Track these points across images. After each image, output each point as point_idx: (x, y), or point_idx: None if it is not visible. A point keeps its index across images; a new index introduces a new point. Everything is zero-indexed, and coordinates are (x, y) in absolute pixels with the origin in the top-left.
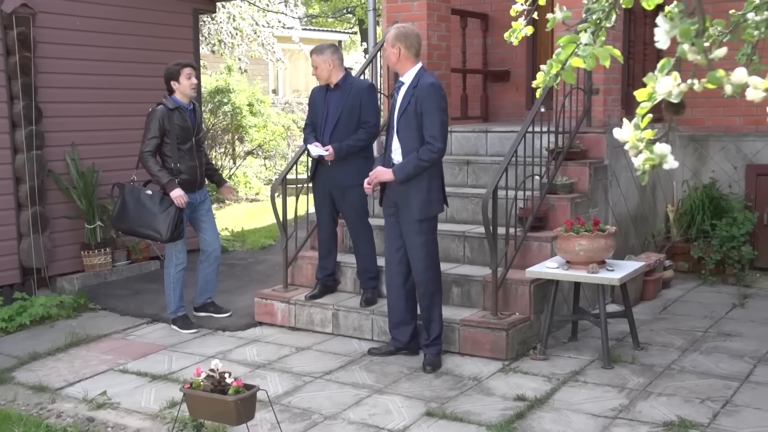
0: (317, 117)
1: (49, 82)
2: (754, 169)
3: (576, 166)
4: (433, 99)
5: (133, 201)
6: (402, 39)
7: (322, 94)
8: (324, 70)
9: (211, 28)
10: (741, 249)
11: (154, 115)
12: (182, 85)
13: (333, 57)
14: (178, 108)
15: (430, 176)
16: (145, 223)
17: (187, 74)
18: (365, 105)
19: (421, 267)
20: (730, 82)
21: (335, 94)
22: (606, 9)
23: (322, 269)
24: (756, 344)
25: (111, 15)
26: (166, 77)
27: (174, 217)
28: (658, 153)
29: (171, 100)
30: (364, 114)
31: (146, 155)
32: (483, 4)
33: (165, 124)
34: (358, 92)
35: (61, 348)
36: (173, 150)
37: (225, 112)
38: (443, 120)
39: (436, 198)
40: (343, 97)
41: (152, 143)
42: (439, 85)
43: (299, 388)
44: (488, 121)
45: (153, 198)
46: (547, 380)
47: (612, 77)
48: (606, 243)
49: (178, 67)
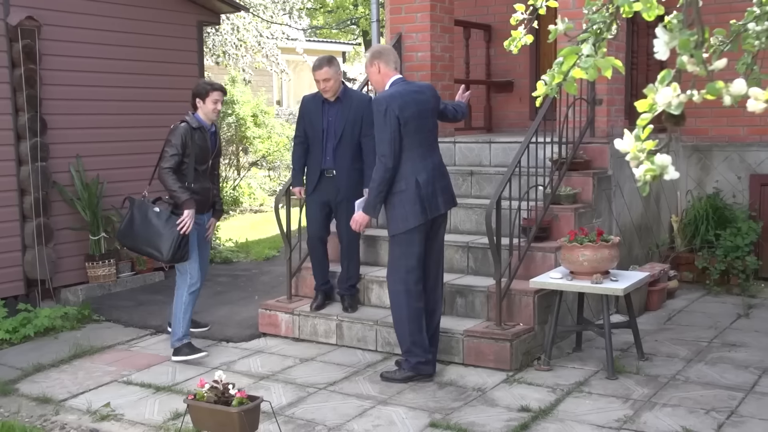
0: (313, 129)
1: (54, 94)
2: (758, 179)
3: (579, 176)
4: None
5: (140, 217)
6: (377, 56)
7: (317, 106)
8: (337, 82)
9: (215, 39)
10: (745, 259)
11: (178, 131)
12: (206, 107)
13: (339, 69)
14: (201, 128)
15: (401, 191)
16: (148, 240)
17: (215, 99)
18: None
19: (390, 280)
20: (729, 93)
21: (335, 106)
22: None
23: (320, 278)
24: (761, 354)
25: (116, 27)
26: (194, 93)
27: (177, 238)
28: (659, 164)
29: (194, 119)
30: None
31: (166, 171)
32: (486, 15)
33: (187, 142)
34: (360, 105)
35: (65, 359)
36: (190, 170)
37: (229, 124)
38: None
39: (411, 211)
40: (344, 110)
41: (173, 160)
42: (375, 99)
43: (303, 399)
44: (492, 131)
45: (160, 216)
46: (552, 391)
47: (615, 87)
48: (610, 253)
49: (208, 88)
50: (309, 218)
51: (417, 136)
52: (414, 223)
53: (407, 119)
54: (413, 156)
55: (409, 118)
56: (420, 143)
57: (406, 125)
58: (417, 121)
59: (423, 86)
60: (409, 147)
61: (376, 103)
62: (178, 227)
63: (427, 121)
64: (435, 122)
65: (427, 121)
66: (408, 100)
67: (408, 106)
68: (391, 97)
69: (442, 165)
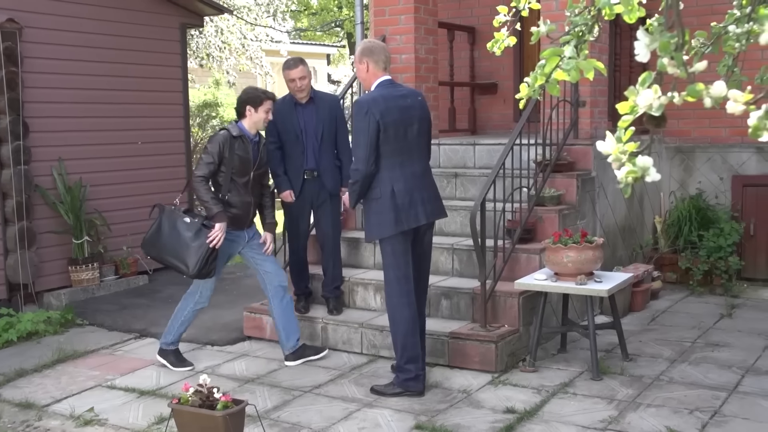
0: (288, 133)
1: (36, 96)
2: (740, 179)
3: (563, 177)
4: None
5: (169, 226)
6: (368, 53)
7: (290, 109)
8: (310, 81)
9: (199, 42)
10: (728, 259)
11: (216, 139)
12: (257, 115)
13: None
14: (242, 137)
15: (376, 198)
16: (175, 252)
17: (267, 108)
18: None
19: (385, 292)
20: (709, 95)
21: (308, 107)
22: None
23: (303, 281)
24: (744, 354)
25: (98, 30)
26: (245, 100)
27: (206, 252)
28: (641, 165)
29: (236, 127)
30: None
31: (199, 180)
32: (470, 17)
33: (224, 151)
34: (332, 104)
35: (48, 364)
36: (226, 181)
37: (213, 126)
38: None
39: (386, 219)
40: (319, 110)
41: (208, 168)
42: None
43: (288, 402)
44: (476, 133)
45: (190, 227)
46: (537, 392)
47: (598, 89)
48: (594, 254)
49: (262, 96)
50: (295, 222)
51: (397, 144)
52: (388, 232)
53: (387, 125)
54: (392, 164)
55: (390, 124)
56: (400, 151)
57: (385, 131)
58: (398, 127)
59: (409, 92)
60: (389, 154)
61: (358, 105)
62: (207, 241)
63: (409, 129)
64: (422, 130)
65: (409, 129)
66: (391, 105)
67: (390, 111)
68: (373, 100)
69: (425, 176)
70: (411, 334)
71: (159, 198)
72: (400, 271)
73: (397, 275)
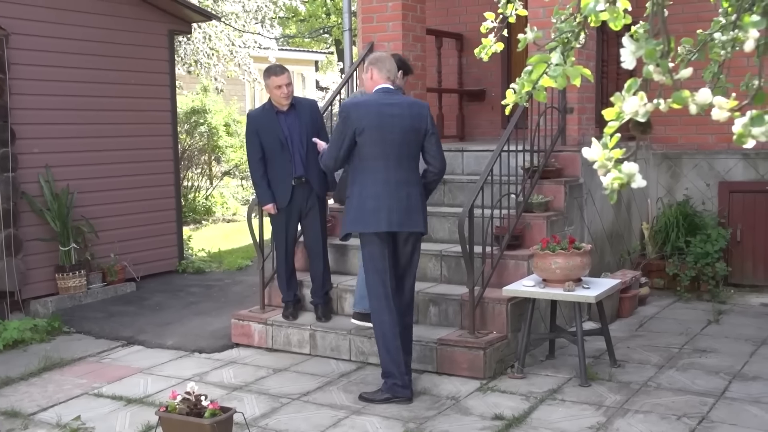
0: (273, 142)
1: (24, 103)
2: (727, 186)
3: (551, 184)
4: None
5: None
6: (374, 62)
7: (271, 118)
8: (293, 88)
9: (187, 48)
10: (715, 265)
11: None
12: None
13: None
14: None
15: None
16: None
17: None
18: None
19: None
20: (694, 102)
21: (291, 114)
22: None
23: (292, 288)
24: (731, 360)
25: (86, 36)
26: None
27: None
28: (626, 172)
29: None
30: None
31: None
32: (458, 24)
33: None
34: (312, 110)
35: (34, 372)
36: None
37: (201, 133)
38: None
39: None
40: (301, 116)
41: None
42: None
43: (276, 410)
44: (464, 140)
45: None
46: (525, 399)
47: (586, 96)
48: (582, 261)
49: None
50: (283, 230)
51: (375, 148)
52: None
53: (364, 128)
54: (367, 167)
55: (367, 128)
56: (377, 156)
57: (361, 134)
58: (377, 132)
59: (403, 101)
60: (364, 157)
61: (341, 106)
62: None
63: (389, 135)
64: (407, 140)
65: (389, 135)
66: (372, 110)
67: (369, 116)
68: (355, 104)
69: (401, 186)
70: (392, 337)
71: (147, 205)
72: (378, 275)
73: (375, 279)
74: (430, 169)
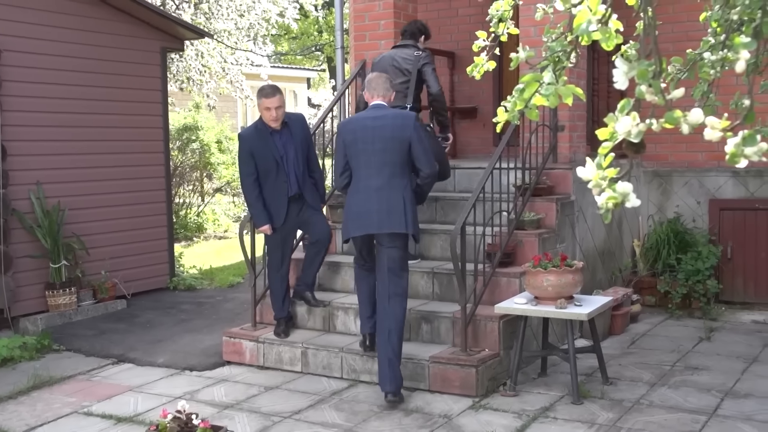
0: (267, 162)
1: (15, 120)
2: (717, 203)
3: (543, 201)
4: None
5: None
6: (367, 84)
7: (265, 137)
8: (284, 110)
9: (179, 65)
10: (706, 283)
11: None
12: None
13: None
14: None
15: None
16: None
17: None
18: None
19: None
20: (686, 121)
21: (283, 132)
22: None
23: (286, 305)
24: (723, 378)
25: (78, 53)
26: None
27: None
28: (621, 191)
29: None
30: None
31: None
32: (449, 42)
33: None
34: (302, 125)
35: (23, 391)
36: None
37: (193, 150)
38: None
39: (344, 224)
40: (294, 133)
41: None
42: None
43: (268, 428)
44: (456, 157)
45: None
46: (518, 417)
47: (577, 114)
48: (574, 278)
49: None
50: (280, 247)
51: (361, 158)
52: (345, 235)
53: (349, 142)
54: (357, 176)
55: (352, 141)
56: (362, 165)
57: (348, 147)
58: (361, 144)
59: (388, 113)
60: (355, 167)
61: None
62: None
63: (370, 146)
64: (389, 148)
65: (370, 146)
66: (357, 125)
67: (354, 130)
68: (346, 121)
69: (383, 190)
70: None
71: (138, 222)
72: (357, 263)
73: (357, 262)
74: (420, 173)
